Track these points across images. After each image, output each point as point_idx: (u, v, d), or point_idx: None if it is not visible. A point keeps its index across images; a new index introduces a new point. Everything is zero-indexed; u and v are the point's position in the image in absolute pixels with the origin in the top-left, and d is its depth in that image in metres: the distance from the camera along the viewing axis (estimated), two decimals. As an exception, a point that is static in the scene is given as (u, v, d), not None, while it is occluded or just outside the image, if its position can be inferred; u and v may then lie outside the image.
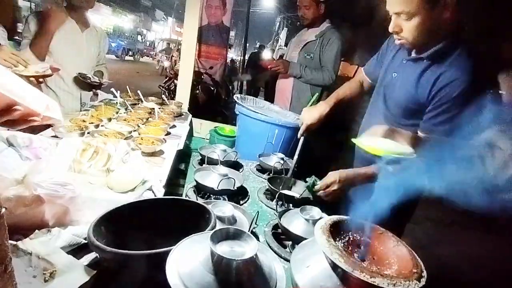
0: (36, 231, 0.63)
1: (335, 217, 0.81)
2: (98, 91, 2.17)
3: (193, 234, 0.66)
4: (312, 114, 1.50)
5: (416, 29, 1.11)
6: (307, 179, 1.38)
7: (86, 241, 0.68)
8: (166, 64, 12.55)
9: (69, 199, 0.69)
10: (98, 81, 2.06)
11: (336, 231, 0.77)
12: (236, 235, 0.61)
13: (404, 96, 1.26)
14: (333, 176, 1.32)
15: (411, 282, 0.60)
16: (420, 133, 1.20)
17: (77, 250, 0.68)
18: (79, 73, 2.01)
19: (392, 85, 1.33)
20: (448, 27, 1.13)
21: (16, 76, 0.83)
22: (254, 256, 0.56)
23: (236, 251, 0.58)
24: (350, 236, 0.79)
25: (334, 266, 0.65)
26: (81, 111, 1.91)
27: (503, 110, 0.82)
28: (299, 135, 1.54)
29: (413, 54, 1.26)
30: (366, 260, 0.74)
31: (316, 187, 1.33)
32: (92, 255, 0.68)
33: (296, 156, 1.53)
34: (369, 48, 1.65)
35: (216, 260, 0.55)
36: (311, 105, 2.00)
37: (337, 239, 0.77)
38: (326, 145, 2.12)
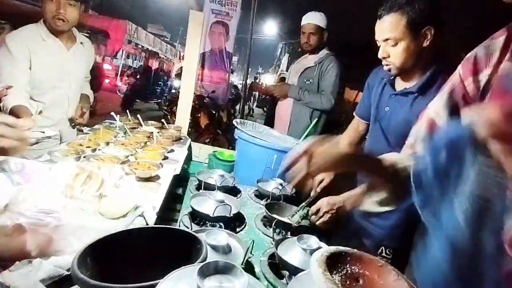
0: (17, 262, 0.60)
1: (332, 248, 0.78)
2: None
3: (182, 267, 0.63)
4: (322, 182, 1.61)
5: (401, 54, 1.25)
6: (299, 212, 1.37)
7: (68, 273, 0.65)
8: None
9: (54, 227, 0.66)
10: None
11: (333, 263, 0.73)
12: (226, 269, 0.57)
13: (402, 126, 1.30)
14: (321, 201, 1.33)
15: (412, 322, 0.56)
16: None
17: (59, 282, 0.65)
18: None
19: (387, 118, 1.43)
20: (429, 57, 1.28)
21: None
22: (244, 293, 0.53)
23: (225, 286, 0.55)
24: (348, 269, 0.75)
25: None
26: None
27: None
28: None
29: (400, 88, 1.39)
30: (365, 295, 0.70)
31: (309, 213, 1.33)
32: (75, 288, 0.64)
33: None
34: (368, 73, 1.69)
35: (203, 297, 0.52)
36: (309, 131, 2.00)
37: (335, 272, 0.73)
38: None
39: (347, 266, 0.75)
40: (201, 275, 0.54)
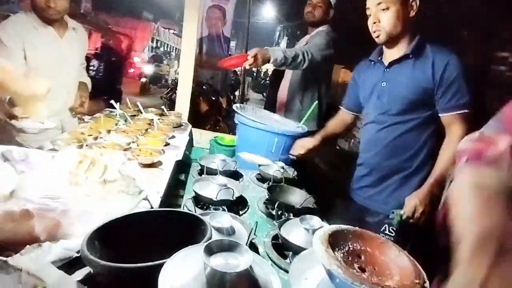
0: (27, 246, 0.62)
1: (334, 227, 0.79)
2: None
3: (188, 247, 0.64)
4: (305, 144, 1.74)
5: (391, 18, 1.39)
6: (390, 215, 1.47)
7: (78, 255, 0.66)
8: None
9: (61, 212, 0.67)
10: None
11: (335, 241, 0.75)
12: (231, 247, 0.59)
13: (407, 92, 1.44)
14: (412, 201, 1.42)
15: (413, 294, 0.58)
16: (445, 115, 1.42)
17: (69, 265, 0.67)
18: None
19: (386, 91, 1.52)
20: (413, 28, 1.44)
21: None
22: (249, 269, 0.55)
23: (231, 263, 0.57)
24: (350, 246, 0.77)
25: (333, 278, 0.63)
26: None
27: None
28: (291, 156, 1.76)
29: (390, 60, 1.49)
30: (367, 271, 0.71)
31: (404, 218, 1.42)
32: (84, 271, 0.66)
33: None
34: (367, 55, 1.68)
35: (209, 273, 0.54)
36: (308, 117, 1.99)
37: (337, 249, 0.74)
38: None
39: (349, 244, 0.77)
40: (207, 253, 0.55)
